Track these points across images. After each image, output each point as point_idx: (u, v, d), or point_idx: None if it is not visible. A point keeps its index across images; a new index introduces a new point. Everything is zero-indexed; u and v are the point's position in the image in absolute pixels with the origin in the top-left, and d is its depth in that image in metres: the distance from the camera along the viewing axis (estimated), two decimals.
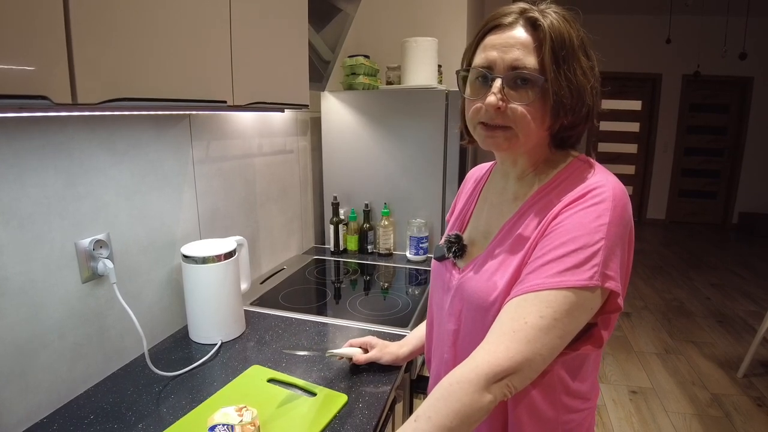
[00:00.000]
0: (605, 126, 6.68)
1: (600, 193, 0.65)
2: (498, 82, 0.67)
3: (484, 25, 0.71)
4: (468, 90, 0.73)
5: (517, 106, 0.67)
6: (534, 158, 0.75)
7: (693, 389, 2.62)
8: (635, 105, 6.61)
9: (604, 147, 6.77)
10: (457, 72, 0.76)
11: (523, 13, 0.68)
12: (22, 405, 0.87)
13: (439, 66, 2.09)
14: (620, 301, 0.66)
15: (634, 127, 6.67)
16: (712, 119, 6.47)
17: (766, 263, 4.91)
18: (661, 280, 4.40)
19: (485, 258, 0.75)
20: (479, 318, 0.74)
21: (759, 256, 5.18)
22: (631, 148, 6.74)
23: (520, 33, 0.67)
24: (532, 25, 0.67)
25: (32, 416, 0.88)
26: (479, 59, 0.70)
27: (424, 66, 1.97)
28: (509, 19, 0.68)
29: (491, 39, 0.69)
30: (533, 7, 0.68)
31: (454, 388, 0.60)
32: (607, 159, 6.77)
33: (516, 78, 0.67)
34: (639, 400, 2.53)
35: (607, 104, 6.55)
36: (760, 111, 6.21)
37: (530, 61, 0.66)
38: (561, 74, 0.65)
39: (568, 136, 0.71)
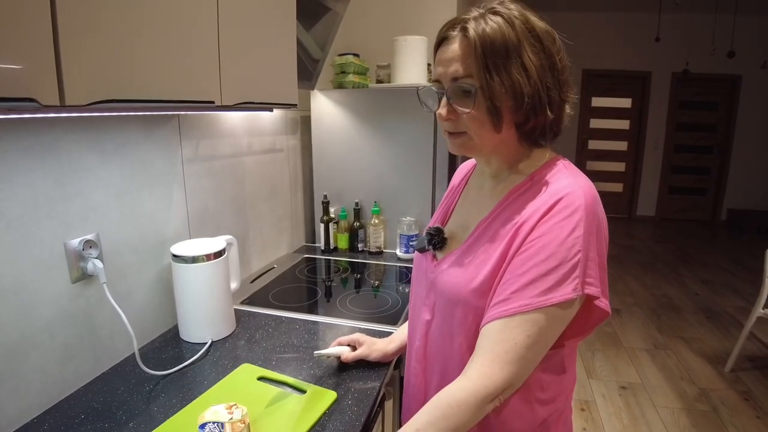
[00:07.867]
0: (595, 123, 6.74)
1: (572, 203, 0.67)
2: (444, 99, 0.73)
3: (437, 38, 0.74)
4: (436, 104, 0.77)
5: (464, 114, 0.71)
6: (506, 156, 0.77)
7: (681, 384, 2.66)
8: (625, 102, 6.66)
9: (594, 144, 6.83)
10: (417, 90, 0.80)
11: (462, 23, 0.69)
12: (12, 405, 0.87)
13: (429, 65, 2.10)
14: (601, 303, 0.68)
15: (624, 124, 6.73)
16: (701, 116, 6.54)
17: (754, 259, 4.97)
18: (650, 276, 4.45)
19: (461, 254, 0.78)
20: (449, 311, 0.77)
21: (747, 252, 5.24)
22: (621, 146, 6.80)
23: (456, 46, 0.70)
24: (467, 36, 0.68)
25: (23, 416, 0.89)
26: (434, 75, 0.75)
27: (413, 65, 1.98)
28: (453, 32, 0.70)
29: (439, 54, 0.73)
30: (477, 10, 0.70)
31: (454, 410, 0.67)
32: (597, 156, 6.83)
33: (457, 89, 0.71)
34: (628, 395, 2.56)
35: (597, 102, 6.63)
36: (749, 108, 6.29)
37: (464, 71, 0.69)
38: (493, 79, 0.67)
39: (530, 131, 0.72)
